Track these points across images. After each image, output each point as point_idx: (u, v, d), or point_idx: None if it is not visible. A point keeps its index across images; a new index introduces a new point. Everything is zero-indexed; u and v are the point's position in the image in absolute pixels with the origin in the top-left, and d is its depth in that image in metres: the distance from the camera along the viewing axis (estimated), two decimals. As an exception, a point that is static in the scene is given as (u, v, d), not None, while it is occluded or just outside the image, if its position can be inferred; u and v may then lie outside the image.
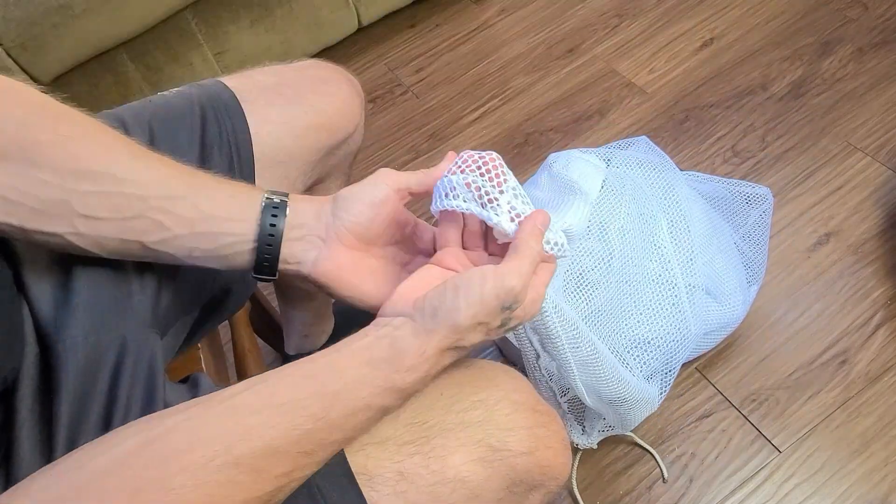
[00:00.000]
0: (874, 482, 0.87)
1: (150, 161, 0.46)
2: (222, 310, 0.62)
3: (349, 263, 0.50)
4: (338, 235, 0.49)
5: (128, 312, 0.50)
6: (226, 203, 0.47)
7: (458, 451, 0.49)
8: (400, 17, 1.71)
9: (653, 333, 0.86)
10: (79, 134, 0.43)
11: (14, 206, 0.41)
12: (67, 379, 0.46)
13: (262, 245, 0.48)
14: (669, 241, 0.90)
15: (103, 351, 0.48)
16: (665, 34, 1.49)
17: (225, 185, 0.48)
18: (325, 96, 0.66)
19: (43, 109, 0.43)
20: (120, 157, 0.44)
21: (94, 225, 0.44)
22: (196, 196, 0.46)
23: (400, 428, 0.49)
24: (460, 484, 0.49)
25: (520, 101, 1.45)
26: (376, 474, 0.47)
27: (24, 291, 0.47)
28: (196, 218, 0.46)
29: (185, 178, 0.47)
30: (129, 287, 0.51)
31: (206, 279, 0.59)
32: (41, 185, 0.41)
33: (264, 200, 0.48)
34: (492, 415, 0.51)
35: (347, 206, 0.49)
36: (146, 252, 0.47)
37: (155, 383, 0.49)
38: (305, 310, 0.97)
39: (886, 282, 1.04)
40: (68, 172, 0.42)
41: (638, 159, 0.99)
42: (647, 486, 0.92)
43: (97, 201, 0.43)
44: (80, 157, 0.42)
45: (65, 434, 0.45)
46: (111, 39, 1.26)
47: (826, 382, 0.96)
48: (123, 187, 0.44)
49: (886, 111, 1.24)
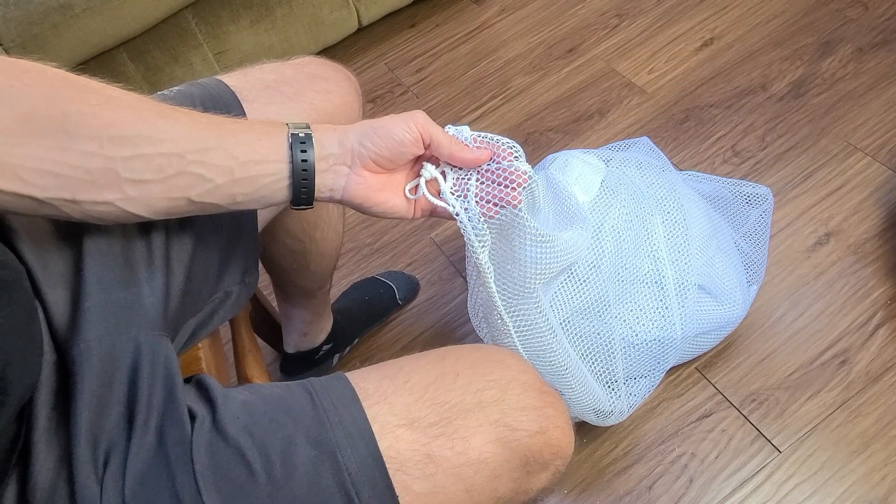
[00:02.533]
0: (874, 482, 0.87)
1: (175, 116, 0.46)
2: (223, 312, 0.63)
3: (377, 183, 0.53)
4: (362, 163, 0.51)
5: (139, 315, 0.50)
6: (256, 146, 0.48)
7: (478, 432, 0.50)
8: (400, 17, 1.71)
9: (639, 337, 0.86)
10: (107, 101, 0.44)
11: (64, 180, 0.42)
12: (83, 384, 0.46)
13: (298, 180, 0.49)
14: (664, 241, 0.90)
15: (118, 354, 0.48)
16: (665, 34, 1.49)
17: (249, 127, 0.49)
18: (325, 94, 0.66)
19: (68, 83, 0.43)
20: (148, 118, 0.45)
21: (143, 188, 0.44)
22: (227, 144, 0.47)
23: (425, 409, 0.51)
24: (483, 465, 0.50)
25: (520, 101, 1.45)
26: (406, 458, 0.49)
27: (39, 298, 0.47)
28: (233, 165, 0.47)
29: (212, 128, 0.47)
30: (140, 289, 0.51)
31: (208, 282, 0.59)
32: (84, 156, 0.42)
33: (290, 137, 0.49)
34: (505, 394, 0.53)
35: (374, 140, 0.51)
36: (192, 206, 0.47)
37: (174, 384, 0.50)
38: (305, 308, 0.97)
39: (886, 282, 1.04)
40: (107, 140, 0.42)
41: (637, 160, 0.99)
42: (647, 486, 0.92)
43: (140, 164, 0.44)
44: (115, 123, 0.43)
45: (84, 438, 0.45)
46: (111, 39, 1.26)
47: (826, 382, 0.96)
48: (160, 147, 0.44)
49: (886, 111, 1.24)
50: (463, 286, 1.19)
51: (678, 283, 0.88)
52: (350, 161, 0.51)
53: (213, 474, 0.45)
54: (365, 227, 1.32)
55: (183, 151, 0.45)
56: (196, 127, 0.47)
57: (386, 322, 1.17)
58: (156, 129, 0.44)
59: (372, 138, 0.51)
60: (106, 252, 0.50)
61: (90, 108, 0.42)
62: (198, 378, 0.54)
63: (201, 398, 0.51)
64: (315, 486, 0.46)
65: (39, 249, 0.48)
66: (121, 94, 0.45)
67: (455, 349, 0.57)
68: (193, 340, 0.61)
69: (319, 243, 0.82)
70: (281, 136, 0.49)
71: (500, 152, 0.55)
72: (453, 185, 0.55)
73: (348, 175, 0.52)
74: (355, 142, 0.51)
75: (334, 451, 0.47)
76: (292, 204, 0.51)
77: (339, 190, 0.52)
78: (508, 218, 0.56)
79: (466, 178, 0.55)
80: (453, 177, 0.56)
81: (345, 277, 1.23)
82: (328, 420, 0.49)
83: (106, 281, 0.49)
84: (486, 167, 0.55)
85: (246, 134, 0.48)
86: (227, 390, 0.53)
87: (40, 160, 0.40)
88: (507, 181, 0.54)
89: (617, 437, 0.96)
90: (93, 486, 0.44)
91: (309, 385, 0.52)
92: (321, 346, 1.04)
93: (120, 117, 0.43)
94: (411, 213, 0.56)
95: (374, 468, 0.47)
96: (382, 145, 0.51)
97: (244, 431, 0.48)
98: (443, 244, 1.25)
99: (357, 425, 0.49)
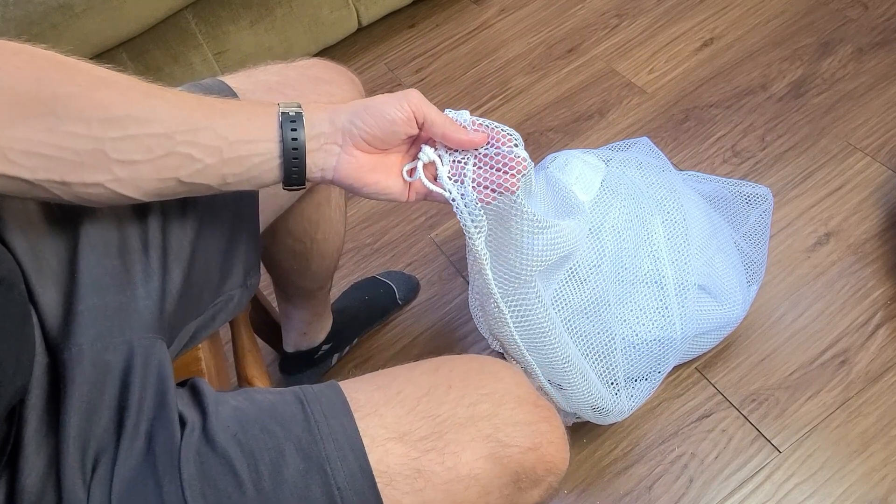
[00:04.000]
0: (874, 482, 0.87)
1: (164, 97, 0.46)
2: (225, 314, 0.62)
3: (368, 163, 0.51)
4: (353, 142, 0.50)
5: (133, 318, 0.50)
6: (246, 126, 0.48)
7: (470, 447, 0.50)
8: (400, 17, 1.71)
9: (639, 337, 0.86)
10: (95, 82, 0.43)
11: (52, 162, 0.41)
12: (74, 388, 0.45)
13: (289, 159, 0.48)
14: (664, 241, 0.90)
15: (110, 358, 0.47)
16: (665, 34, 1.49)
17: (239, 107, 0.49)
18: (329, 97, 0.66)
19: (55, 63, 0.42)
20: (137, 98, 0.44)
21: (131, 169, 0.44)
22: (216, 124, 0.46)
23: (416, 422, 0.50)
24: (473, 481, 0.50)
25: (520, 101, 1.45)
26: (396, 472, 0.48)
27: (33, 300, 0.47)
28: (222, 146, 0.46)
29: (202, 108, 0.47)
30: (135, 291, 0.50)
31: (210, 285, 0.59)
32: (73, 137, 0.42)
33: (280, 116, 0.48)
34: (498, 409, 0.52)
35: (365, 119, 0.50)
36: (182, 187, 0.47)
37: (166, 390, 0.49)
38: (305, 308, 0.97)
39: (886, 282, 1.04)
40: (95, 121, 0.42)
41: (637, 160, 0.99)
42: (647, 486, 0.92)
43: (128, 145, 0.43)
44: (103, 104, 0.43)
45: (73, 444, 0.45)
46: (111, 39, 1.26)
47: (826, 382, 0.96)
48: (148, 128, 0.44)
49: (886, 111, 1.24)
50: (463, 286, 1.19)
51: (678, 283, 0.88)
52: (341, 140, 0.50)
53: (201, 484, 0.45)
54: (365, 227, 1.32)
55: (171, 132, 0.45)
56: (185, 107, 0.46)
57: (386, 322, 1.17)
58: (144, 109, 0.44)
59: (363, 117, 0.50)
60: (101, 251, 0.50)
61: (79, 89, 0.42)
62: (192, 382, 0.54)
63: (194, 403, 0.51)
64: (304, 498, 0.46)
65: (31, 243, 0.48)
66: (109, 75, 0.45)
67: (450, 359, 0.57)
68: (194, 342, 0.61)
69: (321, 244, 0.82)
70: (271, 116, 0.48)
71: (499, 138, 0.53)
72: (450, 170, 0.54)
73: (339, 154, 0.50)
74: (346, 121, 0.50)
75: (324, 464, 0.47)
76: (284, 184, 0.50)
77: (330, 170, 0.50)
78: (506, 205, 0.55)
79: (464, 163, 0.54)
80: (450, 160, 0.54)
81: (345, 277, 1.23)
82: (319, 431, 0.48)
83: (100, 283, 0.49)
84: (483, 151, 0.54)
85: (236, 114, 0.48)
86: (221, 395, 0.52)
87: (29, 142, 0.40)
88: (505, 167, 0.53)
89: (617, 437, 0.96)
90: (80, 492, 0.44)
91: (301, 394, 0.52)
92: (321, 345, 1.04)
93: (108, 98, 0.43)
94: (405, 196, 0.54)
95: (364, 482, 0.47)
96: (374, 124, 0.50)
97: (234, 441, 0.47)
98: (443, 244, 1.25)
99: (347, 438, 0.48)
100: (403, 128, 0.50)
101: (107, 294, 0.49)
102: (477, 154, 0.54)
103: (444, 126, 0.52)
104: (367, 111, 0.50)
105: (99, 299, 0.48)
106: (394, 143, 0.52)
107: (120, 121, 0.43)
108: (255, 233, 0.62)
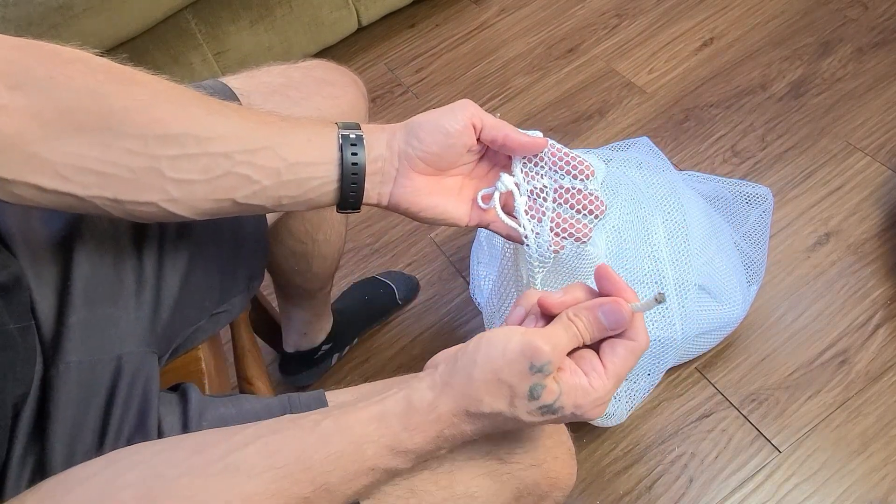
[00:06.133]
0: (874, 482, 0.87)
1: (224, 113, 0.44)
2: (224, 317, 0.62)
3: (425, 187, 0.49)
4: (410, 163, 0.48)
5: (124, 331, 0.49)
6: (306, 147, 0.46)
7: (466, 466, 0.48)
8: (400, 17, 1.71)
9: None
10: (154, 97, 0.42)
11: (106, 179, 0.40)
12: (60, 403, 0.45)
13: (347, 184, 0.47)
14: (664, 241, 0.90)
15: (97, 376, 0.47)
16: (665, 34, 1.49)
17: (299, 127, 0.47)
18: (332, 99, 0.65)
19: (112, 75, 0.41)
20: (197, 115, 0.43)
21: (187, 189, 0.42)
22: (276, 145, 0.45)
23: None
24: (470, 499, 0.48)
25: (520, 101, 1.45)
26: (387, 492, 0.46)
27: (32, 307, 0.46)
28: (281, 167, 0.44)
29: (262, 127, 0.45)
30: (127, 303, 0.50)
31: (210, 295, 0.58)
32: (128, 154, 0.40)
33: (340, 138, 0.47)
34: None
35: (421, 136, 0.48)
36: (237, 208, 0.45)
37: (148, 408, 0.48)
38: (304, 308, 0.97)
39: (886, 282, 1.04)
40: (153, 138, 0.40)
41: (637, 160, 0.99)
42: (647, 486, 0.92)
43: (186, 164, 0.42)
44: (162, 120, 0.41)
45: (59, 460, 0.44)
46: (111, 40, 1.26)
47: (826, 382, 0.96)
48: (207, 147, 0.42)
49: (886, 111, 1.24)
50: (463, 286, 1.19)
51: (678, 283, 0.88)
52: (398, 163, 0.48)
53: None
54: (365, 227, 1.32)
55: (231, 151, 0.43)
56: (245, 125, 0.44)
57: (385, 322, 1.17)
58: (203, 127, 0.42)
59: (419, 134, 0.47)
60: (96, 262, 0.49)
61: (135, 103, 0.40)
62: (183, 388, 0.53)
63: (179, 412, 0.50)
64: None
65: (34, 256, 0.47)
66: (167, 88, 0.43)
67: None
68: (192, 343, 0.60)
69: (322, 245, 0.82)
70: (331, 137, 0.46)
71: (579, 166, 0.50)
72: (528, 204, 0.50)
73: (395, 178, 0.48)
74: (402, 141, 0.48)
75: None
76: (339, 208, 0.48)
77: (387, 195, 0.48)
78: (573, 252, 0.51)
79: (543, 197, 0.50)
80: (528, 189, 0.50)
81: (345, 277, 1.23)
82: None
83: (93, 295, 0.48)
84: (562, 183, 0.50)
85: (295, 134, 0.46)
86: (210, 401, 0.52)
87: (82, 157, 0.39)
88: (584, 208, 0.49)
89: (617, 437, 0.96)
90: None
91: (288, 402, 0.51)
92: (320, 345, 1.04)
93: (167, 114, 0.41)
94: (466, 221, 0.51)
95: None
96: (430, 140, 0.47)
97: None
98: (443, 244, 1.25)
99: None
100: (461, 139, 0.48)
101: (98, 307, 0.48)
102: (556, 187, 0.50)
103: (504, 127, 0.50)
104: (421, 127, 0.48)
105: (89, 312, 0.47)
106: (452, 158, 0.49)
107: (178, 138, 0.41)
108: (261, 238, 0.61)
